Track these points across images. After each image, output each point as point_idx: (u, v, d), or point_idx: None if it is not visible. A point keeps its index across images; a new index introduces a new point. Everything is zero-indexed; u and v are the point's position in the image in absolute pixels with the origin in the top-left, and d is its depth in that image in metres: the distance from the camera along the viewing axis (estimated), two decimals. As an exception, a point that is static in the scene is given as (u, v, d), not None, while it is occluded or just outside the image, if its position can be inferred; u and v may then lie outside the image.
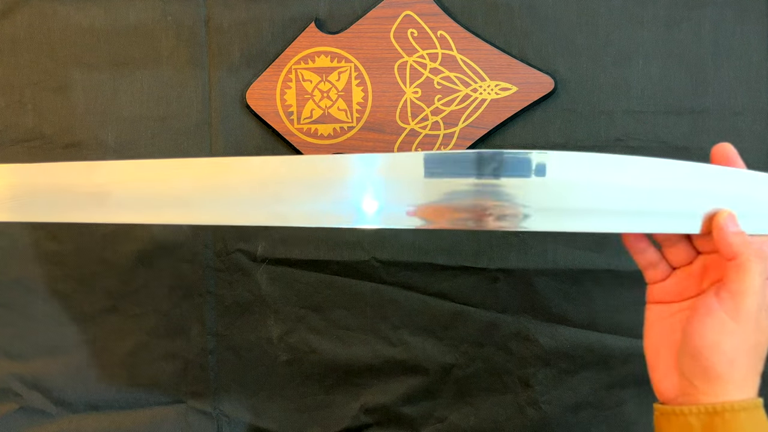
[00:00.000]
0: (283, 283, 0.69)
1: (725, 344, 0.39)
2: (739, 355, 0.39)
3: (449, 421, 0.69)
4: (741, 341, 0.39)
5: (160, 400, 0.72)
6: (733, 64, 0.61)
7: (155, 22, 0.68)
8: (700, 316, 0.40)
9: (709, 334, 0.39)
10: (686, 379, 0.41)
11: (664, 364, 0.43)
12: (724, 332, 0.39)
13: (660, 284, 0.45)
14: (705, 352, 0.39)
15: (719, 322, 0.39)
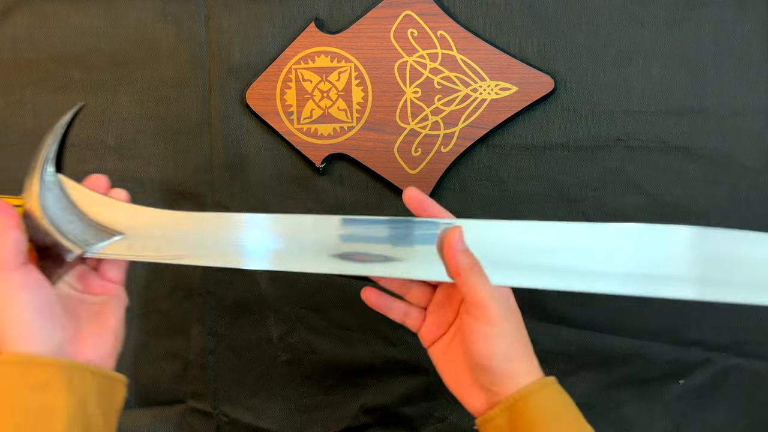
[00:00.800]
0: (283, 283, 0.69)
1: (498, 348, 0.44)
2: (512, 350, 0.44)
3: (449, 421, 0.69)
4: (507, 339, 0.44)
5: (160, 400, 0.72)
6: (734, 64, 0.61)
7: (155, 22, 0.68)
8: (467, 335, 0.44)
9: (480, 347, 0.44)
10: (486, 390, 0.45)
11: (467, 388, 0.46)
12: (490, 339, 0.44)
13: (423, 327, 0.50)
14: (487, 363, 0.44)
15: (482, 335, 0.44)
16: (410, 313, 0.51)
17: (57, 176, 0.47)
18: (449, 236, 0.45)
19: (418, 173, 0.65)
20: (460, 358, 0.47)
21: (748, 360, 0.64)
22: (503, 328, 0.44)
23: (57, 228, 0.46)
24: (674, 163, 0.63)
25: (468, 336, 0.44)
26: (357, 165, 0.66)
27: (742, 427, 0.65)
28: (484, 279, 0.44)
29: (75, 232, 0.47)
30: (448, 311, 0.49)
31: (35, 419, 0.39)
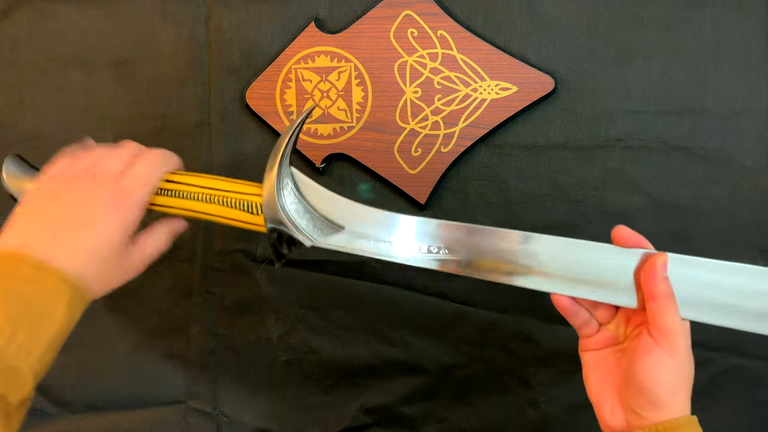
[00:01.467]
0: (283, 283, 0.69)
1: (666, 377, 0.44)
2: (679, 384, 0.44)
3: (449, 421, 0.69)
4: (678, 372, 0.44)
5: (160, 400, 0.72)
6: (734, 64, 0.61)
7: (155, 22, 0.68)
8: (642, 354, 0.45)
9: (651, 370, 0.44)
10: (632, 412, 0.45)
11: (610, 403, 0.47)
12: (664, 366, 0.44)
13: (593, 337, 0.51)
14: (650, 386, 0.44)
15: (658, 358, 0.44)
16: (590, 324, 0.51)
17: (291, 169, 0.50)
18: (654, 261, 0.46)
19: (418, 173, 0.65)
20: (615, 373, 0.48)
21: (748, 360, 0.64)
22: (680, 362, 0.44)
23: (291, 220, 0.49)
24: (674, 163, 0.63)
25: (642, 356, 0.44)
26: (357, 165, 0.66)
27: (742, 427, 0.65)
28: (676, 309, 0.45)
29: (304, 223, 0.50)
30: (623, 332, 0.50)
31: (33, 316, 0.41)
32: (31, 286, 0.42)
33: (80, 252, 0.45)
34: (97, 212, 0.46)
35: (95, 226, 0.46)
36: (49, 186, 0.48)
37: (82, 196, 0.47)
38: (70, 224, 0.45)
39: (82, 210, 0.46)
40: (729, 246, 0.63)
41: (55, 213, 0.46)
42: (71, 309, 0.43)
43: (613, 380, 0.48)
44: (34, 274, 0.43)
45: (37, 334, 0.41)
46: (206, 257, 0.70)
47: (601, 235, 0.63)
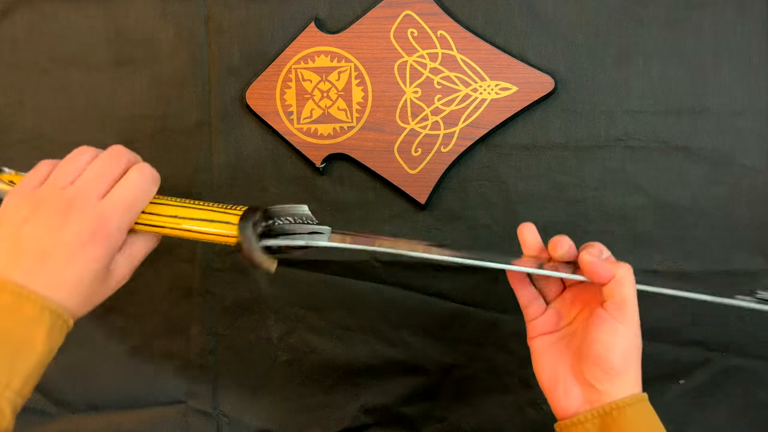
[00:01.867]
0: (283, 283, 0.69)
1: (619, 344, 0.45)
2: (630, 352, 0.45)
3: (449, 421, 0.69)
4: (629, 340, 0.45)
5: (160, 400, 0.72)
6: (734, 63, 0.61)
7: (155, 22, 0.68)
8: (596, 325, 0.46)
9: (605, 338, 0.45)
10: (589, 386, 0.46)
11: (563, 384, 0.47)
12: (617, 334, 0.45)
13: (539, 319, 0.51)
14: (604, 353, 0.45)
15: (611, 327, 0.45)
16: (535, 302, 0.52)
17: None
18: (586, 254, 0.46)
19: (418, 173, 0.65)
20: (566, 354, 0.48)
21: (748, 360, 0.64)
22: (632, 331, 0.45)
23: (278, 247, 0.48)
24: (674, 163, 0.63)
25: (596, 327, 0.45)
26: (357, 165, 0.66)
27: (742, 427, 0.65)
28: (632, 279, 0.46)
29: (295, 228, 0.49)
30: (567, 311, 0.51)
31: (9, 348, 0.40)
32: (8, 314, 0.41)
33: (61, 280, 0.43)
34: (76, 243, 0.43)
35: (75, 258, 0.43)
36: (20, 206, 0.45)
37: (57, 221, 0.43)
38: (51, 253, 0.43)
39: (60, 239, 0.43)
40: (729, 246, 0.63)
41: (31, 239, 0.43)
42: (51, 338, 0.42)
43: (565, 361, 0.48)
44: (11, 302, 0.41)
45: (15, 366, 0.40)
46: (206, 257, 0.70)
47: (601, 235, 0.63)
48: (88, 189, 0.45)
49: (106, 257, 0.44)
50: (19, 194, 0.45)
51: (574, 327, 0.50)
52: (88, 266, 0.44)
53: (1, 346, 0.40)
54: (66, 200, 0.44)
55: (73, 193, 0.44)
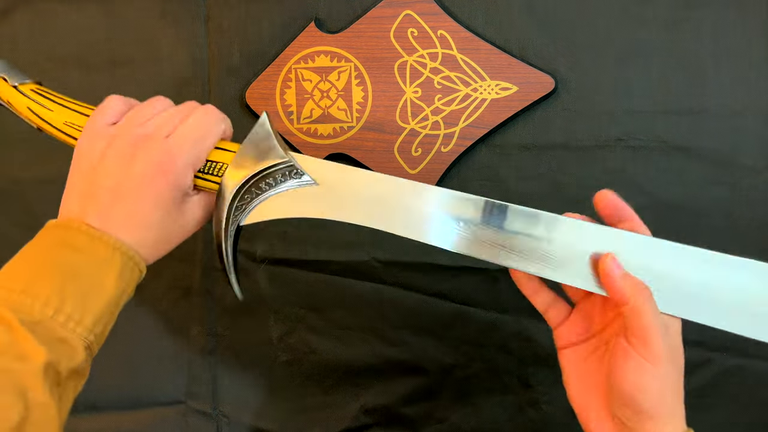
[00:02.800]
0: (283, 283, 0.69)
1: (650, 385, 0.39)
2: (665, 391, 0.39)
3: (449, 421, 0.69)
4: (664, 379, 0.39)
5: (160, 401, 0.72)
6: (734, 63, 0.61)
7: (155, 21, 0.68)
8: (620, 361, 0.40)
9: (633, 378, 0.39)
10: (620, 423, 0.41)
11: (596, 410, 0.43)
12: (647, 374, 0.39)
13: (564, 325, 0.46)
14: (634, 395, 0.39)
15: (639, 366, 0.39)
16: (555, 306, 0.46)
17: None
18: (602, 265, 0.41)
19: (418, 173, 0.65)
20: (598, 376, 0.43)
21: (749, 360, 0.64)
22: (663, 369, 0.39)
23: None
24: (675, 163, 0.63)
25: (620, 362, 0.40)
26: (357, 165, 0.66)
27: (743, 428, 0.65)
28: (653, 307, 0.40)
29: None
30: (598, 319, 0.44)
31: (82, 286, 0.41)
32: (81, 255, 0.42)
33: (133, 219, 0.44)
34: (144, 177, 0.44)
35: (144, 192, 0.44)
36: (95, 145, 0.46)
37: (128, 157, 0.44)
38: (122, 189, 0.44)
39: (129, 173, 0.44)
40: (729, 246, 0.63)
41: (105, 176, 0.44)
42: (122, 279, 0.43)
43: (597, 384, 0.43)
44: (85, 243, 0.42)
45: (87, 304, 0.41)
46: (206, 257, 0.70)
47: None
48: (156, 128, 0.46)
49: (174, 191, 0.45)
50: (93, 132, 0.46)
51: (607, 336, 0.43)
52: (158, 201, 0.44)
53: (74, 285, 0.41)
54: (136, 137, 0.45)
55: (144, 132, 0.45)
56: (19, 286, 0.40)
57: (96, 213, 0.44)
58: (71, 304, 0.40)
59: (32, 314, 0.39)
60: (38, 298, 0.40)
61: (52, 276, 0.41)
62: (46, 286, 0.40)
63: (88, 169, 0.45)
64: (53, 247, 0.42)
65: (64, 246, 0.42)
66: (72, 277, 0.41)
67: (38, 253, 0.42)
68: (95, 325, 0.42)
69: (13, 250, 0.76)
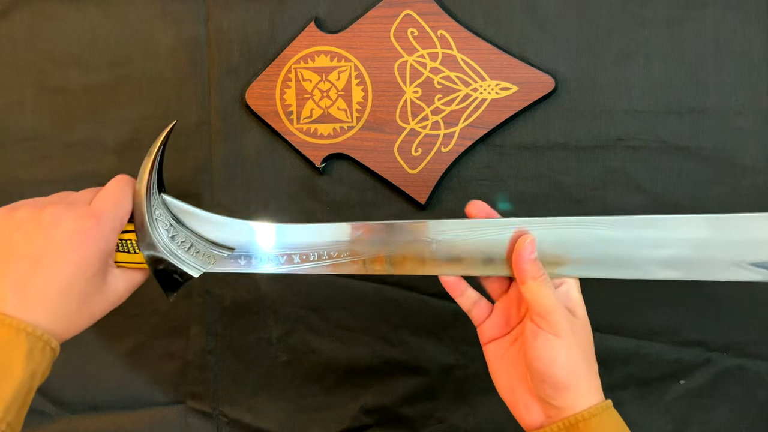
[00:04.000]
0: (282, 283, 0.69)
1: (559, 358, 0.43)
2: (575, 362, 0.43)
3: (449, 421, 0.69)
4: (570, 351, 0.43)
5: (160, 401, 0.72)
6: (734, 63, 0.61)
7: (155, 21, 0.68)
8: (529, 340, 0.44)
9: (543, 354, 0.43)
10: (545, 402, 0.44)
11: (522, 398, 0.45)
12: (553, 347, 0.43)
13: (487, 322, 0.50)
14: (547, 370, 0.43)
15: (545, 341, 0.43)
16: (479, 304, 0.50)
17: (163, 198, 0.49)
18: (520, 244, 0.45)
19: (418, 173, 0.65)
20: (519, 365, 0.46)
21: (749, 360, 0.64)
22: (568, 340, 0.43)
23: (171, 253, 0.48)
24: (675, 163, 0.63)
25: (530, 341, 0.44)
26: (357, 165, 0.66)
27: (743, 428, 0.65)
28: (549, 288, 0.44)
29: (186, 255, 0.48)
30: (515, 312, 0.49)
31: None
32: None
33: (52, 288, 0.42)
34: (69, 241, 0.42)
35: (67, 257, 0.42)
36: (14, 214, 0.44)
37: (49, 224, 0.43)
38: (43, 255, 0.42)
39: (49, 241, 0.42)
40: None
41: (18, 248, 0.42)
42: (31, 361, 0.40)
43: (520, 373, 0.46)
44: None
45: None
46: (206, 257, 0.70)
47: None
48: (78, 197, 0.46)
49: (99, 255, 0.44)
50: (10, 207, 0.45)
51: (522, 328, 0.47)
52: (82, 267, 0.43)
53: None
54: (60, 205, 0.44)
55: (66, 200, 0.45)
56: None
57: (12, 287, 0.41)
58: None
59: None
60: None
61: None
62: None
63: (6, 242, 0.43)
64: None
65: None
66: None
67: None
68: (6, 413, 0.39)
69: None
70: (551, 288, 0.44)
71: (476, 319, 0.50)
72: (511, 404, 0.46)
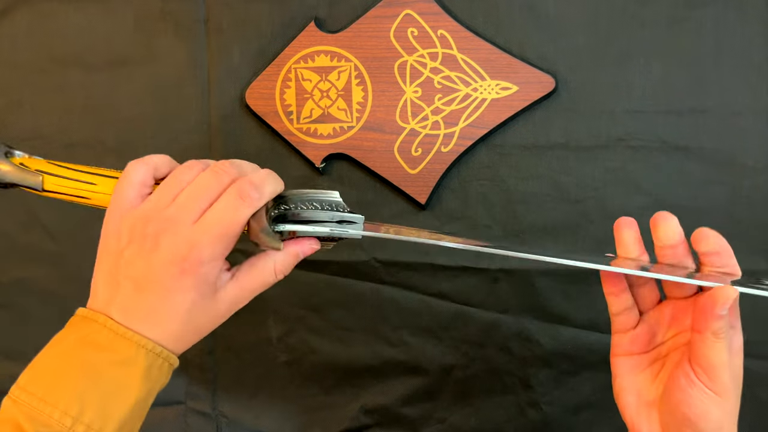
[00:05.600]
0: (282, 284, 0.69)
1: (713, 414, 0.39)
2: (726, 422, 0.40)
3: (449, 422, 0.69)
4: (724, 412, 0.39)
5: (159, 401, 0.71)
6: (734, 63, 0.61)
7: (154, 21, 0.68)
8: (684, 387, 0.40)
9: (696, 405, 0.39)
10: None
11: (647, 425, 0.42)
12: (708, 403, 0.39)
13: (629, 333, 0.44)
14: (695, 420, 0.39)
15: (703, 394, 0.39)
16: (631, 311, 0.44)
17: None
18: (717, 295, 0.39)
19: (418, 173, 0.65)
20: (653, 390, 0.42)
21: (749, 360, 0.63)
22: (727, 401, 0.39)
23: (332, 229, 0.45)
24: (675, 163, 0.63)
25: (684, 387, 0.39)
26: (357, 165, 0.66)
27: (743, 428, 0.65)
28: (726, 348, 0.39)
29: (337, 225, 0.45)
30: (663, 331, 0.44)
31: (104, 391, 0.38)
32: (104, 354, 0.38)
33: (157, 313, 0.40)
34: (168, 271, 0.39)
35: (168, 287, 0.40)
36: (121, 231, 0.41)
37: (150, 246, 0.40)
38: (145, 282, 0.40)
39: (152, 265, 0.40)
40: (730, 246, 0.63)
41: (128, 264, 0.40)
42: (149, 379, 0.39)
43: (650, 399, 0.42)
44: (108, 341, 0.39)
45: (108, 410, 0.38)
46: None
47: (601, 235, 0.63)
48: (182, 209, 0.40)
49: (200, 287, 0.40)
50: (118, 213, 0.42)
51: (666, 350, 0.43)
52: (184, 297, 0.40)
53: (96, 390, 0.38)
54: (160, 222, 0.40)
55: (168, 215, 0.40)
56: (40, 390, 0.37)
57: (119, 304, 0.40)
58: (91, 413, 0.37)
59: (50, 425, 0.36)
60: (57, 406, 0.37)
61: (73, 379, 0.38)
62: (66, 391, 0.37)
63: (115, 253, 0.41)
64: (77, 345, 0.39)
65: (86, 344, 0.39)
66: (94, 380, 0.38)
67: (62, 350, 0.39)
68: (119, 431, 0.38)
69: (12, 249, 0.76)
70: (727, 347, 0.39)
71: (619, 327, 0.45)
72: (632, 425, 0.43)
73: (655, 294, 0.44)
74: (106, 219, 0.42)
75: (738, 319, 0.42)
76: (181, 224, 0.40)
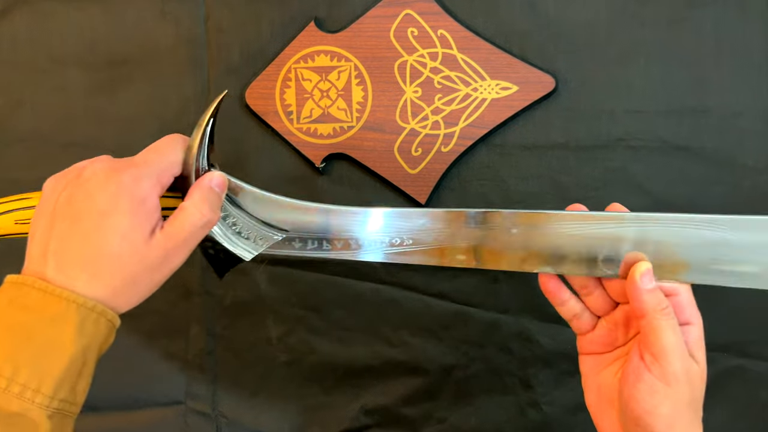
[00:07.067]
0: (282, 283, 0.69)
1: (662, 408, 0.38)
2: (678, 414, 0.38)
3: (449, 422, 0.69)
4: (676, 401, 0.38)
5: (159, 401, 0.72)
6: (735, 63, 0.61)
7: (154, 21, 0.68)
8: (632, 382, 0.39)
9: (645, 399, 0.38)
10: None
11: (608, 424, 0.42)
12: (659, 396, 0.38)
13: (589, 335, 0.45)
14: (644, 417, 0.38)
15: (651, 388, 0.38)
16: (582, 316, 0.45)
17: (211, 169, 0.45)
18: (634, 273, 0.40)
19: (418, 173, 0.65)
20: (613, 389, 0.42)
21: (749, 361, 0.64)
22: (678, 391, 0.38)
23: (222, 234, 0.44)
24: (675, 163, 0.63)
25: (632, 381, 0.39)
26: (357, 165, 0.66)
27: (743, 428, 0.65)
28: (672, 327, 0.39)
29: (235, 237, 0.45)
30: (621, 333, 0.44)
31: (37, 350, 0.37)
32: (32, 314, 0.38)
33: (96, 261, 0.39)
34: (98, 196, 0.39)
35: (108, 225, 0.39)
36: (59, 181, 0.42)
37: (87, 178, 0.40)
38: (74, 220, 0.39)
39: (87, 197, 0.39)
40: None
41: (61, 210, 0.40)
42: (83, 334, 0.38)
43: (611, 398, 0.42)
44: (37, 300, 0.38)
45: (43, 368, 0.37)
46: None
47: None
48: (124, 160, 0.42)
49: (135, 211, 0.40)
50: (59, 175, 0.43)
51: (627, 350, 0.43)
52: (120, 220, 0.39)
53: (27, 349, 0.37)
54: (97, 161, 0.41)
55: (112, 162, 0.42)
56: None
57: (54, 260, 0.39)
58: (26, 372, 0.36)
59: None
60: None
61: (4, 342, 0.37)
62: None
63: (50, 212, 0.40)
64: (6, 308, 0.38)
65: (14, 306, 0.38)
66: (24, 341, 0.37)
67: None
68: (58, 389, 0.37)
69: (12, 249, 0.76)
70: (674, 326, 0.39)
71: (577, 330, 0.46)
72: (598, 423, 0.43)
73: (607, 300, 0.45)
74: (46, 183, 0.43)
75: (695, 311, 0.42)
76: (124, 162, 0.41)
